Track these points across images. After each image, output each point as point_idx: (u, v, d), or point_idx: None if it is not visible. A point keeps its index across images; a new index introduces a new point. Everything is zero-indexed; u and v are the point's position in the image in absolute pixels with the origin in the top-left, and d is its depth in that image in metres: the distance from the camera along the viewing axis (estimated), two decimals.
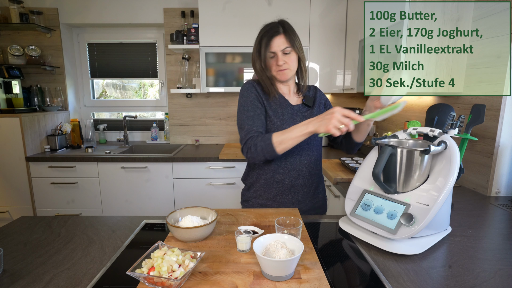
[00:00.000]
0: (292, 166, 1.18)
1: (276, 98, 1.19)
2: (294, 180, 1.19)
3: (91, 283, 0.71)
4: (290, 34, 1.13)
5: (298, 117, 1.20)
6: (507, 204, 1.24)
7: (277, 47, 1.12)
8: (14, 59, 2.59)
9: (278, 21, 1.16)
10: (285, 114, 1.18)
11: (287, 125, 1.14)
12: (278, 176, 1.18)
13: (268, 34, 1.12)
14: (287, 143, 1.01)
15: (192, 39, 2.52)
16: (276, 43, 1.11)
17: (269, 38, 1.11)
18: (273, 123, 1.16)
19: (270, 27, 1.14)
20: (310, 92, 1.28)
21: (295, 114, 1.20)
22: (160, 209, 2.39)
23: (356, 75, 2.22)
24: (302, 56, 1.17)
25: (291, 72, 1.16)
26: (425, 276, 0.74)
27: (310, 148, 1.20)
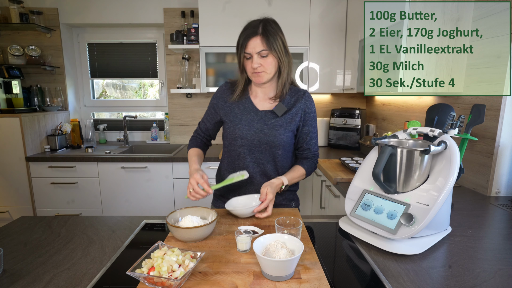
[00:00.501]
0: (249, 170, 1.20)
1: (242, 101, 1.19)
2: (248, 184, 1.21)
3: (91, 283, 0.71)
4: (269, 36, 1.05)
5: (259, 124, 1.15)
6: (507, 204, 1.24)
7: (252, 49, 1.06)
8: (14, 59, 2.59)
9: (261, 20, 1.09)
10: (244, 119, 1.16)
11: (240, 131, 1.15)
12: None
13: (245, 34, 1.08)
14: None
15: (192, 39, 2.52)
16: (252, 44, 1.06)
17: (246, 39, 1.07)
18: (228, 127, 1.19)
19: (250, 26, 1.09)
20: (292, 98, 1.18)
21: (257, 121, 1.16)
22: (160, 209, 2.39)
23: (356, 75, 2.22)
24: (283, 59, 1.10)
25: (268, 75, 1.10)
26: (425, 276, 0.74)
27: (265, 158, 1.18)
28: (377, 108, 2.59)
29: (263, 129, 1.15)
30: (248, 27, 1.09)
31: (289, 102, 1.18)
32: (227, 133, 1.21)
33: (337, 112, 2.60)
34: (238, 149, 1.18)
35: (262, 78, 1.11)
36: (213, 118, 1.25)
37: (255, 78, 1.12)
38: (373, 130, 2.55)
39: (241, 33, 1.10)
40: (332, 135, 2.64)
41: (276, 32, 1.08)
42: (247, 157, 1.18)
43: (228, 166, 1.24)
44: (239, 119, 1.17)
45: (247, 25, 1.10)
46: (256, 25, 1.08)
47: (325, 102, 2.90)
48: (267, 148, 1.16)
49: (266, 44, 1.06)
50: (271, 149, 1.17)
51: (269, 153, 1.18)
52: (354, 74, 2.30)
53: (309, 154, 1.24)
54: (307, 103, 1.18)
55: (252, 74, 1.11)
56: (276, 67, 1.11)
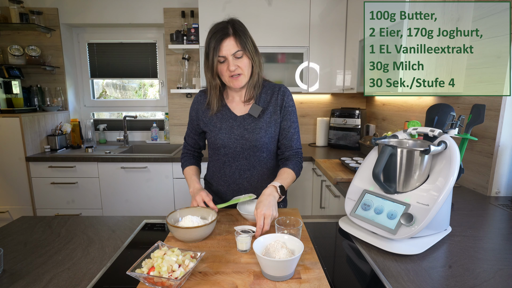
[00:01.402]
0: (232, 180, 1.20)
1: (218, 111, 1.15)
2: (235, 192, 1.20)
3: (91, 283, 0.71)
4: (241, 36, 1.02)
5: (238, 130, 1.13)
6: (507, 204, 1.24)
7: (227, 51, 1.01)
8: (14, 59, 2.59)
9: (228, 21, 1.05)
10: (223, 128, 1.14)
11: (221, 140, 1.14)
12: (221, 187, 1.23)
13: (217, 36, 1.01)
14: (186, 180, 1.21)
15: (192, 39, 2.52)
16: (226, 46, 1.01)
17: (218, 41, 1.00)
18: (209, 137, 1.19)
19: (219, 28, 1.03)
20: (267, 96, 1.15)
21: (236, 127, 1.13)
22: (160, 209, 2.39)
23: (356, 75, 2.22)
24: (255, 59, 1.07)
25: (245, 77, 1.07)
26: (425, 276, 0.74)
27: (251, 164, 1.17)
28: (377, 108, 2.59)
29: (243, 135, 1.13)
30: (216, 30, 1.02)
31: (265, 100, 1.15)
32: (209, 143, 1.21)
33: (337, 112, 2.60)
34: (222, 158, 1.18)
35: (240, 82, 1.07)
36: (196, 130, 1.24)
37: (233, 83, 1.07)
38: (373, 130, 2.55)
39: (211, 37, 1.03)
40: (332, 135, 2.64)
41: (246, 32, 1.06)
42: (232, 165, 1.17)
43: (214, 175, 1.25)
44: (218, 128, 1.15)
45: (213, 28, 1.04)
46: (225, 27, 1.02)
47: (325, 102, 2.90)
48: (251, 153, 1.15)
49: (239, 44, 1.02)
50: (255, 153, 1.15)
51: (254, 158, 1.16)
52: (354, 74, 2.30)
53: (292, 152, 1.16)
54: (284, 97, 1.15)
55: (230, 78, 1.06)
56: (250, 67, 1.08)
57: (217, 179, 1.23)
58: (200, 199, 1.04)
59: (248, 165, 1.17)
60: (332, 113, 2.65)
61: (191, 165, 1.26)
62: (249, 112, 1.13)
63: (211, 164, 1.26)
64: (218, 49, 1.01)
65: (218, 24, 1.05)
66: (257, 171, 1.18)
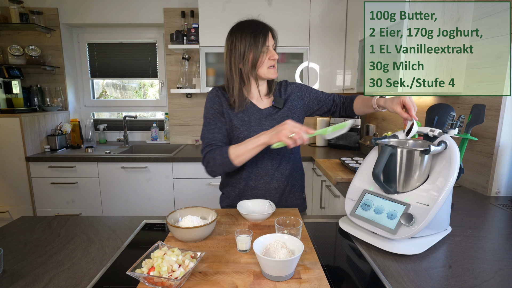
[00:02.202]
0: (264, 172, 1.18)
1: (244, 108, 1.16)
2: (267, 184, 1.19)
3: (91, 283, 0.71)
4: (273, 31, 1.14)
5: (267, 122, 1.16)
6: (507, 204, 1.24)
7: (270, 42, 1.11)
8: (14, 59, 2.59)
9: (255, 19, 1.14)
10: (253, 121, 1.15)
11: (255, 132, 1.13)
12: (252, 182, 1.20)
13: (261, 29, 1.10)
14: (243, 156, 1.03)
15: (192, 39, 2.52)
16: (270, 38, 1.11)
17: (265, 33, 1.09)
18: (240, 132, 1.15)
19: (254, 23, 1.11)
20: (281, 89, 1.24)
21: (264, 119, 1.16)
22: (160, 209, 2.39)
23: (356, 75, 2.22)
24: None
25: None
26: (425, 276, 0.74)
27: (281, 152, 1.18)
28: None
29: (274, 125, 1.14)
30: (258, 24, 1.11)
31: (279, 94, 1.23)
32: (240, 138, 1.15)
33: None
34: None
35: (276, 72, 1.15)
36: (223, 125, 1.16)
37: (272, 73, 1.13)
38: (373, 130, 2.55)
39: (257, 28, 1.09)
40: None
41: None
42: (264, 156, 1.17)
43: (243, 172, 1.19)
44: (248, 122, 1.15)
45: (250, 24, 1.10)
46: (260, 22, 1.12)
47: None
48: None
49: (273, 37, 1.13)
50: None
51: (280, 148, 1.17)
52: (354, 74, 2.30)
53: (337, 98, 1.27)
54: (293, 85, 1.26)
55: (268, 70, 1.12)
56: None
57: (248, 174, 1.19)
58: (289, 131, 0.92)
59: (279, 154, 1.19)
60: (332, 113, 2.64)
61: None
62: (273, 104, 1.19)
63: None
64: (266, 39, 1.09)
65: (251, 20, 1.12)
66: (286, 159, 1.20)
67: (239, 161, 1.04)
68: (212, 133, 1.14)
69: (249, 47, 1.08)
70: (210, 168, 1.10)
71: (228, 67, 1.13)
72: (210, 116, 1.15)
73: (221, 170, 1.09)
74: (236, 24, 1.13)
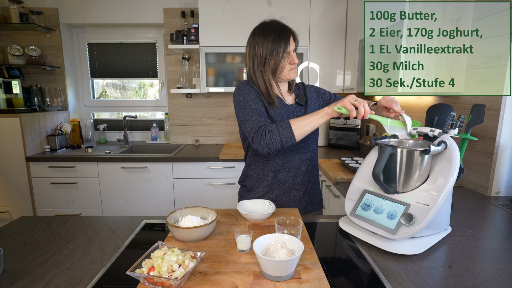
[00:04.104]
0: (292, 165, 1.19)
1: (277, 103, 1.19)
2: (295, 178, 1.20)
3: (91, 283, 0.71)
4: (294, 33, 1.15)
5: (294, 116, 1.19)
6: (507, 204, 1.24)
7: (292, 46, 1.14)
8: (14, 59, 2.59)
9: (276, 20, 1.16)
10: (283, 114, 1.18)
11: None
12: (280, 175, 1.20)
13: (283, 33, 1.11)
14: (305, 127, 0.99)
15: (192, 39, 2.52)
16: (292, 42, 1.13)
17: (288, 38, 1.11)
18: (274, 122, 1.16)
19: (279, 26, 1.13)
20: (299, 90, 1.29)
21: (291, 114, 1.20)
22: (160, 209, 2.39)
23: (356, 75, 2.22)
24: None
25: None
26: (425, 276, 0.74)
27: (307, 145, 1.22)
28: None
29: None
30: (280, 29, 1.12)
31: (298, 93, 1.27)
32: None
33: None
34: None
35: (297, 73, 1.19)
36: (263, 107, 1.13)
37: (292, 74, 1.17)
38: (373, 130, 2.55)
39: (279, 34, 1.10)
40: (332, 135, 2.64)
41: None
42: (293, 150, 1.19)
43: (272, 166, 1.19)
44: (280, 115, 1.17)
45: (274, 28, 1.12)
46: (283, 25, 1.14)
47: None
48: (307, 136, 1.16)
49: (295, 41, 1.15)
50: (311, 136, 1.22)
51: (310, 140, 1.23)
52: (354, 74, 2.30)
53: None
54: (310, 87, 1.31)
55: (289, 71, 1.15)
56: None
57: (278, 166, 1.19)
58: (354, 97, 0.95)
59: (305, 147, 1.21)
60: None
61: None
62: (297, 101, 1.23)
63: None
64: (288, 44, 1.11)
65: (273, 24, 1.14)
66: (311, 152, 1.24)
67: (300, 133, 1.00)
68: (257, 113, 1.08)
69: (270, 53, 1.11)
70: (265, 142, 1.00)
71: (251, 68, 1.16)
72: (249, 99, 1.11)
73: (278, 143, 1.00)
74: (259, 25, 1.16)
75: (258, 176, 1.23)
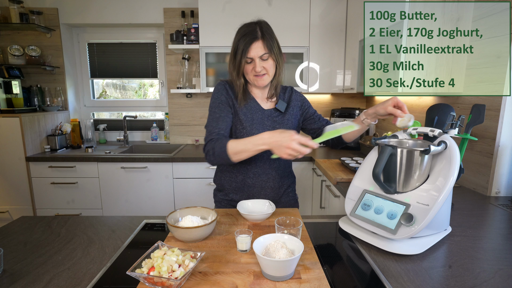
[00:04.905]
0: (262, 170, 1.19)
1: (247, 102, 1.17)
2: (264, 183, 1.20)
3: (91, 283, 0.71)
4: (269, 39, 1.07)
5: (268, 122, 1.17)
6: (507, 204, 1.24)
7: (255, 54, 1.06)
8: (14, 59, 2.59)
9: (256, 23, 1.09)
10: (255, 118, 1.16)
11: (257, 130, 1.13)
12: (249, 180, 1.20)
13: (246, 39, 1.05)
14: (241, 154, 1.00)
15: (192, 39, 2.52)
16: (254, 49, 1.06)
17: (248, 44, 1.05)
18: (243, 127, 1.15)
19: (248, 30, 1.07)
20: (285, 94, 1.23)
21: (266, 119, 1.17)
22: (160, 209, 2.39)
23: (356, 75, 2.22)
24: (280, 60, 1.13)
25: (269, 78, 1.12)
26: (425, 276, 0.74)
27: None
28: None
29: (274, 126, 1.17)
30: (246, 32, 1.06)
31: (283, 98, 1.23)
32: (242, 134, 1.15)
33: (337, 112, 2.60)
34: None
35: (265, 81, 1.12)
36: (228, 114, 1.14)
37: (258, 82, 1.12)
38: (373, 130, 2.55)
39: (240, 39, 1.07)
40: None
41: (273, 34, 1.11)
42: (263, 155, 1.17)
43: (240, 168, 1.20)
44: (251, 119, 1.16)
45: (243, 30, 1.08)
46: (254, 29, 1.07)
47: (325, 102, 2.90)
48: None
49: (267, 47, 1.07)
50: None
51: None
52: (354, 74, 2.30)
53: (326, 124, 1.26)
54: (297, 95, 1.26)
55: (254, 77, 1.11)
56: (275, 68, 1.13)
57: (246, 171, 1.20)
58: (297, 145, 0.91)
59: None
60: (332, 113, 2.65)
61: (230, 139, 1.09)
62: (276, 107, 1.19)
63: None
64: (246, 51, 1.06)
65: (247, 25, 1.09)
66: (284, 160, 1.22)
67: (237, 158, 1.01)
68: (216, 122, 1.11)
69: (234, 54, 1.09)
70: (208, 158, 1.07)
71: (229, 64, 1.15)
72: (216, 105, 1.14)
73: (219, 162, 1.07)
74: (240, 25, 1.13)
75: (228, 178, 1.23)
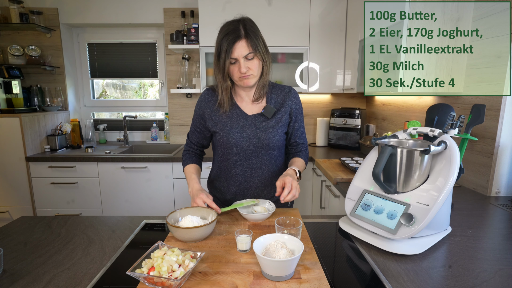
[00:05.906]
0: (243, 179, 1.19)
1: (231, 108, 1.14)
2: (246, 190, 1.21)
3: (91, 283, 0.71)
4: (253, 37, 1.01)
5: (250, 129, 1.13)
6: (507, 204, 1.24)
7: (239, 54, 1.01)
8: (14, 59, 2.59)
9: (239, 20, 1.04)
10: (235, 127, 1.13)
11: (233, 139, 1.13)
12: (231, 187, 1.22)
13: (229, 38, 1.00)
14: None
15: (192, 39, 2.52)
16: (238, 49, 1.00)
17: (230, 44, 1.00)
18: (220, 137, 1.15)
19: (231, 29, 1.01)
20: (279, 97, 1.17)
21: (248, 126, 1.13)
22: (160, 209, 2.39)
23: (356, 75, 2.22)
24: (267, 59, 1.08)
25: (255, 78, 1.08)
26: (425, 276, 0.74)
27: (262, 162, 1.17)
28: (377, 108, 2.59)
29: (256, 134, 1.13)
30: (228, 31, 1.01)
31: (276, 101, 1.17)
32: (220, 143, 1.16)
33: (337, 112, 2.60)
34: (234, 157, 1.16)
35: (250, 81, 1.07)
36: (201, 128, 1.20)
37: (243, 82, 1.07)
38: (373, 130, 2.55)
39: (222, 38, 1.02)
40: (332, 135, 2.64)
41: (257, 32, 1.05)
42: (244, 164, 1.17)
43: (222, 175, 1.23)
44: (230, 127, 1.13)
45: (225, 29, 1.03)
46: (236, 28, 1.01)
47: (325, 102, 2.90)
48: (263, 151, 1.15)
49: (251, 46, 1.01)
50: (267, 152, 1.16)
51: (266, 156, 1.17)
52: (354, 74, 2.30)
53: (303, 147, 1.25)
54: (294, 100, 1.18)
55: (240, 78, 1.06)
56: (261, 67, 1.08)
57: (227, 178, 1.21)
58: (201, 201, 1.02)
59: (259, 163, 1.17)
60: (332, 113, 2.65)
61: (193, 163, 1.23)
62: (262, 113, 1.14)
63: (221, 164, 1.22)
64: (230, 51, 1.01)
65: (230, 24, 1.04)
66: (268, 169, 1.19)
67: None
68: (191, 135, 1.26)
69: (216, 55, 1.05)
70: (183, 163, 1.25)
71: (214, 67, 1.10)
72: (194, 118, 1.23)
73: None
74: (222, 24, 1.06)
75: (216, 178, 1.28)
